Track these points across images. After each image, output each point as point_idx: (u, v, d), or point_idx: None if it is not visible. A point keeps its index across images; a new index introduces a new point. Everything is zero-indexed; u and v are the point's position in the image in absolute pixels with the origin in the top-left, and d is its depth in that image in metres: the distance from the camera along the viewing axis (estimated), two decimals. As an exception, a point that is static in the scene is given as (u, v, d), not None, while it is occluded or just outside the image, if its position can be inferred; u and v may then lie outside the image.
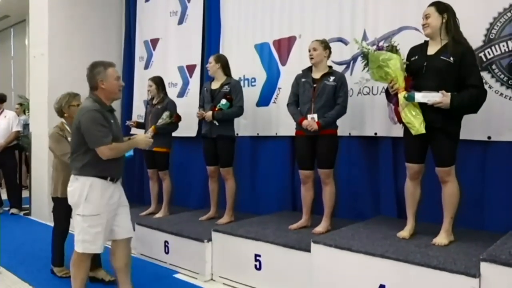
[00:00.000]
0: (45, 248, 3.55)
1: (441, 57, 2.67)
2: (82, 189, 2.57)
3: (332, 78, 3.30)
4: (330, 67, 3.42)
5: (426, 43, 2.83)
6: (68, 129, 3.25)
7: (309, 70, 3.44)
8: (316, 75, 3.37)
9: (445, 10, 2.71)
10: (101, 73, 2.62)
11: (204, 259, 3.44)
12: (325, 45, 3.37)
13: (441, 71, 2.65)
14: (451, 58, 2.63)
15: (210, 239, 3.46)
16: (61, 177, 3.27)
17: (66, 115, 3.33)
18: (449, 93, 2.58)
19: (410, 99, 2.64)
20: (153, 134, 4.32)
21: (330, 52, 3.41)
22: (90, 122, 2.51)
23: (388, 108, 2.96)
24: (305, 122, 3.28)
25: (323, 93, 3.29)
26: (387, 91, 2.93)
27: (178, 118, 4.35)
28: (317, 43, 3.36)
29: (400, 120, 2.79)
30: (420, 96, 2.61)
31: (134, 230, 3.76)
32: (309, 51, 3.36)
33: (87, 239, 2.58)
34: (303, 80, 3.42)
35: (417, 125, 2.66)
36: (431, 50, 2.76)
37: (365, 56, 2.92)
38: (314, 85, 3.33)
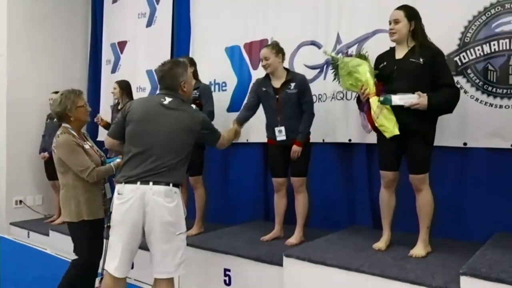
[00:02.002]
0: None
1: (411, 59, 2.59)
2: (182, 203, 2.32)
3: (292, 85, 3.12)
4: (287, 70, 3.23)
5: (392, 49, 2.75)
6: (76, 134, 2.63)
7: (267, 78, 3.25)
8: (276, 83, 3.18)
9: (413, 17, 2.63)
10: (184, 75, 2.39)
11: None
12: (277, 50, 3.14)
13: (412, 72, 2.57)
14: (421, 60, 2.56)
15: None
16: (82, 194, 2.57)
17: (73, 119, 2.64)
18: (425, 94, 2.48)
19: (386, 102, 2.53)
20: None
21: (283, 55, 3.20)
22: (209, 120, 2.57)
23: (360, 116, 2.85)
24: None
25: (287, 103, 3.11)
26: (358, 99, 2.83)
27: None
28: (267, 51, 3.14)
29: (373, 127, 2.68)
30: (397, 99, 2.51)
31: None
32: (262, 60, 3.17)
33: (184, 258, 2.33)
34: (263, 89, 3.23)
35: (391, 127, 2.56)
36: (399, 54, 2.68)
37: (334, 64, 2.82)
38: (277, 96, 3.15)
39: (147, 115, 2.32)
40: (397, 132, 2.55)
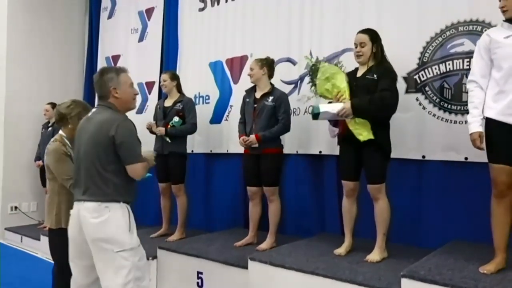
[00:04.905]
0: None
1: (367, 76, 2.82)
2: (121, 219, 2.15)
3: (271, 98, 3.34)
4: (272, 85, 3.46)
5: (356, 69, 2.98)
6: (69, 143, 2.71)
7: (252, 89, 3.50)
8: (258, 94, 3.43)
9: (376, 40, 2.86)
10: (113, 80, 2.24)
11: (148, 276, 3.41)
12: (262, 63, 3.38)
13: (367, 87, 2.79)
14: (375, 76, 2.79)
15: (155, 257, 3.44)
16: (64, 203, 2.64)
17: (70, 127, 2.72)
18: (350, 101, 2.72)
19: (315, 109, 2.76)
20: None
21: (269, 70, 3.42)
22: (129, 134, 2.18)
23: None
24: (242, 140, 3.34)
25: (262, 113, 3.33)
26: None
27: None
28: (254, 62, 3.41)
29: (343, 131, 2.87)
30: (324, 107, 2.74)
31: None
32: (250, 70, 3.43)
33: (138, 276, 2.17)
34: (247, 100, 3.49)
35: (366, 131, 2.74)
36: (360, 73, 2.92)
37: (313, 70, 2.96)
38: (255, 105, 3.39)
39: (77, 133, 2.32)
40: (371, 136, 2.72)
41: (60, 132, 2.80)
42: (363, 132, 2.74)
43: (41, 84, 5.73)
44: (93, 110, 2.34)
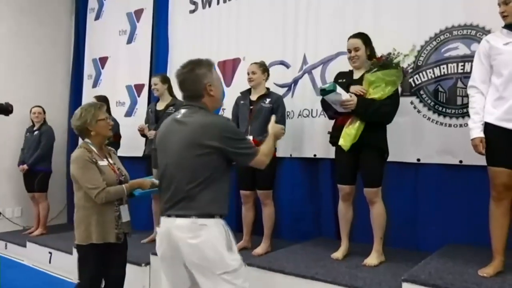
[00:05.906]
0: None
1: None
2: (220, 237, 1.87)
3: (268, 100, 3.33)
4: (267, 89, 3.45)
5: (351, 71, 2.97)
6: (96, 150, 2.48)
7: (248, 92, 3.48)
8: (254, 97, 3.41)
9: (369, 43, 2.87)
10: (208, 75, 1.97)
11: (141, 283, 3.35)
12: (264, 68, 3.40)
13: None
14: None
15: (148, 263, 3.37)
16: (93, 216, 2.40)
17: (94, 134, 2.49)
18: (357, 98, 2.70)
19: (332, 86, 2.66)
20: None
21: (268, 75, 3.44)
22: (234, 133, 1.93)
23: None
24: None
25: (259, 115, 3.31)
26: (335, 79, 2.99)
27: (117, 137, 4.27)
28: (255, 66, 3.39)
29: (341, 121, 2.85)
30: (338, 88, 2.69)
31: (72, 254, 3.64)
32: (248, 74, 3.41)
33: None
34: (241, 102, 3.46)
35: (349, 140, 2.73)
36: (356, 75, 2.92)
37: (389, 61, 2.76)
38: (251, 107, 3.37)
39: (162, 136, 2.05)
40: (346, 146, 2.73)
41: (86, 139, 2.57)
42: (348, 139, 2.72)
43: (27, 86, 5.57)
44: (183, 111, 2.00)
